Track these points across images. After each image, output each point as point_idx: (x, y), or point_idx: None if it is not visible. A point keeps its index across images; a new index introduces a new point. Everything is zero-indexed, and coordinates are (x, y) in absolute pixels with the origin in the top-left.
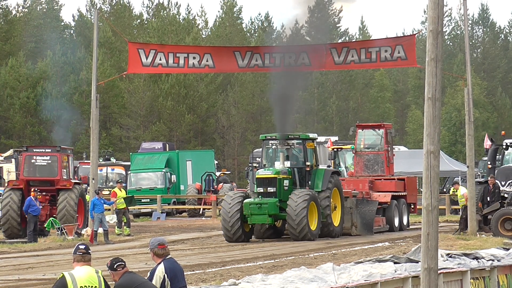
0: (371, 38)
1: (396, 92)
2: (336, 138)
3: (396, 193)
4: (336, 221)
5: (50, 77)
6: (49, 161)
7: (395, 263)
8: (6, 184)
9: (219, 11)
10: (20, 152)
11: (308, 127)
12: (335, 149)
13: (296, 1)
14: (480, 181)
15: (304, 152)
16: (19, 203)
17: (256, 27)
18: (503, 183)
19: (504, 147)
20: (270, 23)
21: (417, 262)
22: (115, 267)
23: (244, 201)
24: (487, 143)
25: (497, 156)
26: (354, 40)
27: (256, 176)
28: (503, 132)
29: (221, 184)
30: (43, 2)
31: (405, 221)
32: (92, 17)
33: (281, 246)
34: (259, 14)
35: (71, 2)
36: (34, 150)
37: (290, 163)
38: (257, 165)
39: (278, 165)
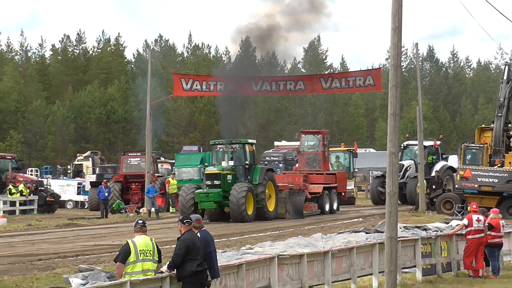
0: (349, 70)
1: (367, 109)
2: None
3: (327, 185)
4: (271, 207)
5: (117, 98)
6: (139, 161)
7: (366, 233)
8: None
9: (239, 51)
10: (96, 153)
11: None
12: None
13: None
14: (428, 176)
15: (244, 153)
16: (120, 191)
17: (266, 62)
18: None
19: (402, 147)
20: (276, 59)
21: (382, 232)
22: (184, 221)
23: (196, 191)
24: None
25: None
26: (336, 72)
27: (205, 172)
28: (441, 136)
29: None
30: (111, 44)
31: (335, 207)
32: (147, 55)
33: (286, 223)
34: (268, 52)
35: (132, 44)
36: (129, 154)
37: (234, 162)
38: (267, 163)
39: (224, 163)
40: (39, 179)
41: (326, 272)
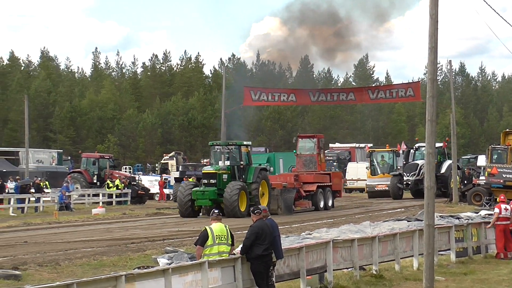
0: (392, 83)
1: (408, 116)
2: (371, 144)
3: (321, 183)
4: (263, 204)
5: (196, 107)
6: None
7: (408, 221)
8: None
9: (299, 67)
10: (179, 153)
11: (354, 138)
12: (370, 151)
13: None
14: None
15: (240, 154)
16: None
17: (322, 76)
18: (408, 174)
19: (414, 149)
20: (331, 74)
21: (421, 221)
22: (255, 211)
23: (193, 189)
24: (403, 147)
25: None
26: (382, 85)
27: (202, 171)
28: (447, 138)
29: None
30: (192, 62)
31: (330, 204)
32: (222, 71)
33: (336, 212)
34: (324, 69)
35: (209, 61)
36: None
37: (230, 162)
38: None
39: (221, 163)
40: (132, 175)
41: (374, 254)
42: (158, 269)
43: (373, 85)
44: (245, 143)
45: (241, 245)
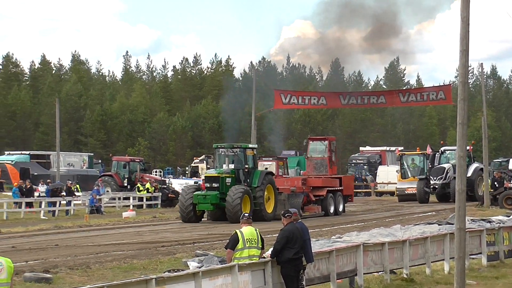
0: (423, 86)
1: (439, 119)
2: (402, 148)
3: (331, 188)
4: (269, 209)
5: (226, 111)
6: (270, 165)
7: (439, 224)
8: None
9: (329, 70)
10: (209, 157)
11: (385, 141)
12: (400, 154)
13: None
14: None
15: (245, 157)
16: None
17: (352, 79)
18: (434, 178)
19: (440, 152)
20: (361, 77)
21: (452, 224)
22: (285, 215)
23: (194, 192)
24: (429, 150)
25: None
26: (413, 88)
27: (205, 175)
28: (473, 141)
29: None
30: (222, 65)
31: (340, 209)
32: (252, 74)
33: (346, 218)
34: (354, 72)
35: (239, 65)
36: (263, 158)
37: (234, 165)
38: (353, 165)
39: (225, 166)
40: (162, 178)
41: (405, 258)
42: (188, 272)
43: (404, 88)
44: (250, 146)
45: (271, 249)
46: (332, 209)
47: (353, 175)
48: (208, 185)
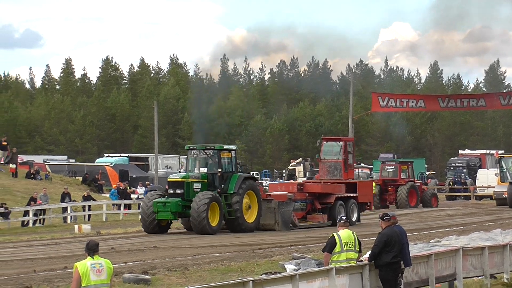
0: None
1: None
2: (502, 151)
3: (341, 195)
4: (250, 218)
5: (324, 114)
6: (393, 169)
7: None
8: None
9: (428, 73)
10: (306, 160)
11: (485, 144)
12: (499, 157)
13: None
14: None
15: (219, 160)
16: (379, 192)
17: (452, 82)
18: None
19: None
20: (460, 80)
21: None
22: (384, 218)
23: (154, 200)
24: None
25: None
26: None
27: (168, 180)
28: None
29: (430, 179)
30: (319, 68)
31: (354, 218)
32: (349, 77)
33: (469, 219)
34: (453, 74)
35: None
36: (387, 162)
37: (207, 169)
38: (452, 168)
39: (196, 170)
40: (259, 181)
41: (505, 263)
42: (286, 275)
43: (505, 91)
44: (225, 147)
45: (368, 252)
46: None
47: (371, 181)
48: (172, 191)
